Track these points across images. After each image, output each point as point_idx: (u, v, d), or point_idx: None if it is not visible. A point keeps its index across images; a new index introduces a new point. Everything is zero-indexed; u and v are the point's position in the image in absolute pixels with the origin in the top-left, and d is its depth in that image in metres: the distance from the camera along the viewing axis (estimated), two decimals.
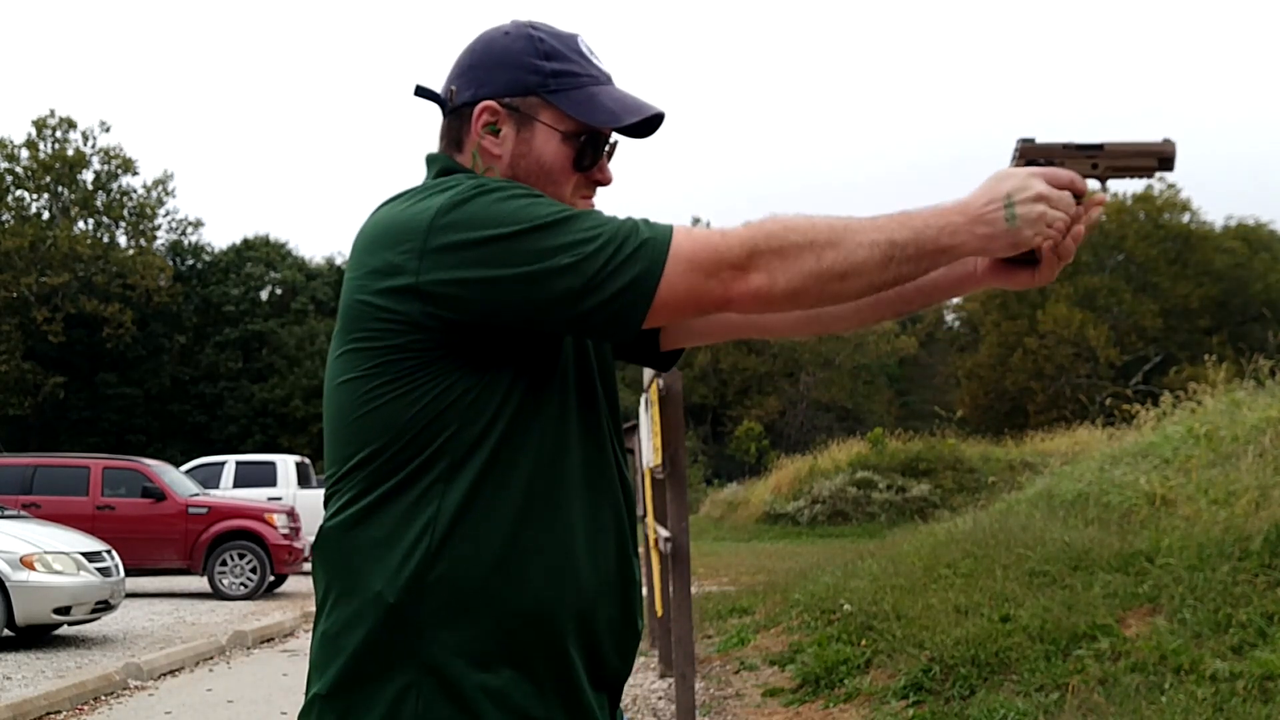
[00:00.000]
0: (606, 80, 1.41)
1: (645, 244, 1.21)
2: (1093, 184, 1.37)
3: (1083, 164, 1.35)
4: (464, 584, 1.25)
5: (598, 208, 1.43)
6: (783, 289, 1.22)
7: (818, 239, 1.22)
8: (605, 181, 1.43)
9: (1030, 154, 1.33)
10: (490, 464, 1.26)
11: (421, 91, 1.43)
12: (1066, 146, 1.33)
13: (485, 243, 1.21)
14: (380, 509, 1.27)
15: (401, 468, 1.26)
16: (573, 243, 1.21)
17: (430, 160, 1.43)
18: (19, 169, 39.57)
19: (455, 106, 1.40)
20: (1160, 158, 1.38)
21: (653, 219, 1.26)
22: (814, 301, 1.25)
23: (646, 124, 1.40)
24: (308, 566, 14.53)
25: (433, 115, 1.47)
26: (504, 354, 1.28)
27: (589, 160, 1.39)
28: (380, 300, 1.25)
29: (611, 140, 1.41)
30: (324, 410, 1.36)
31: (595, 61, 1.41)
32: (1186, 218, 45.48)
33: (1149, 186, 45.60)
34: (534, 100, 1.37)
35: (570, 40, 1.40)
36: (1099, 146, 1.35)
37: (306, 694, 1.34)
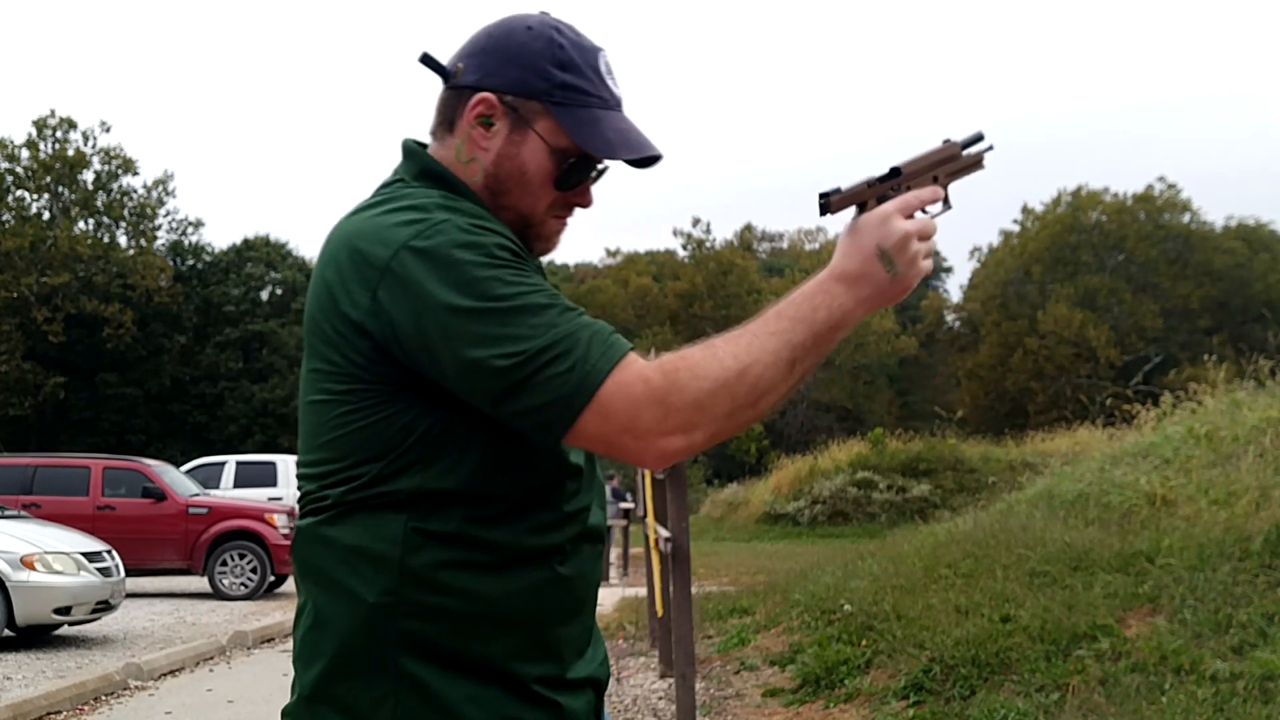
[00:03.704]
0: (615, 105, 1.35)
1: (576, 368, 1.15)
2: None
3: (925, 180, 1.32)
4: (442, 589, 1.24)
5: (569, 224, 1.41)
6: (700, 442, 1.20)
7: (728, 376, 1.18)
8: (584, 205, 1.39)
9: (838, 205, 1.28)
10: (473, 480, 1.24)
11: (427, 60, 1.38)
12: (870, 185, 1.29)
13: (434, 308, 1.17)
14: (355, 514, 1.25)
15: (378, 487, 1.24)
16: (512, 337, 1.16)
17: (408, 153, 1.39)
18: (19, 169, 39.61)
19: (458, 85, 1.35)
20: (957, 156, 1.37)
21: (615, 335, 1.19)
22: (729, 437, 1.24)
23: (642, 161, 1.36)
24: None
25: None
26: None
27: (572, 182, 1.35)
28: (340, 326, 1.23)
29: (601, 166, 1.36)
30: (300, 413, 1.33)
31: (610, 83, 1.35)
32: (1187, 218, 45.54)
33: (1149, 187, 45.64)
34: (536, 106, 1.32)
35: (591, 54, 1.34)
36: (897, 171, 1.30)
37: (291, 695, 1.34)
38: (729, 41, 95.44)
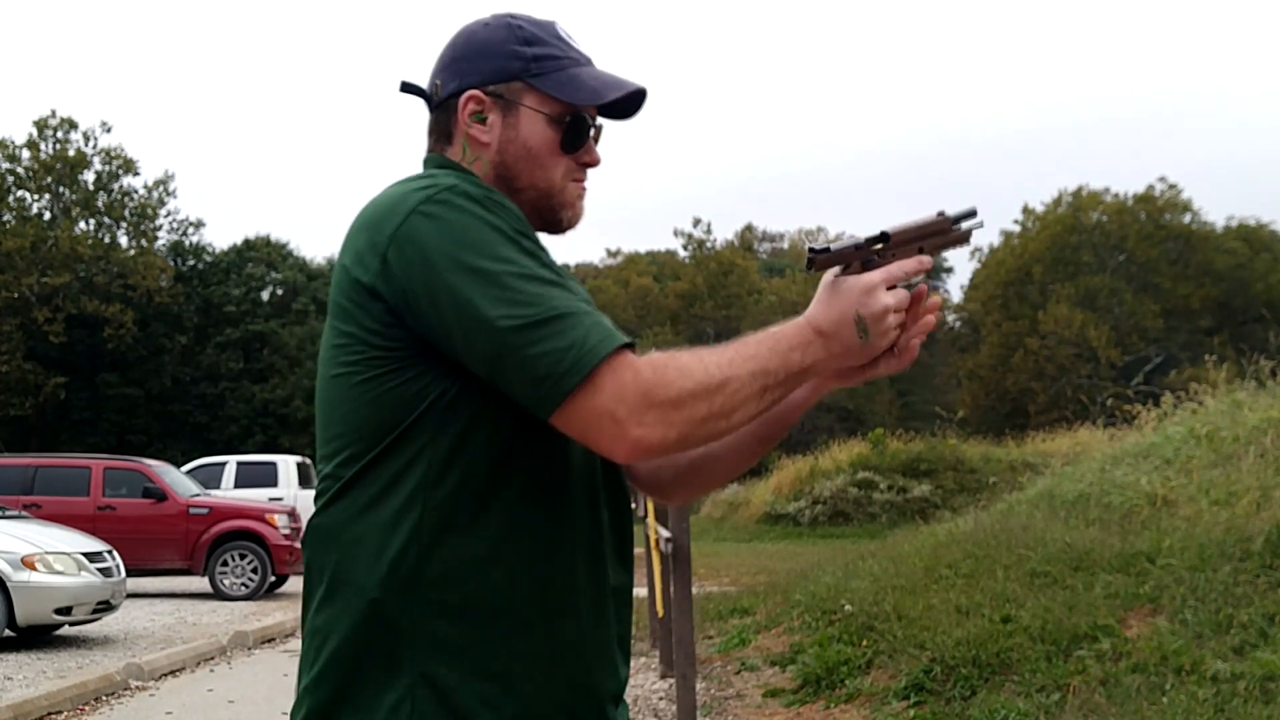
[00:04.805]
0: (586, 62, 1.42)
1: (574, 348, 1.17)
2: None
3: (911, 250, 1.33)
4: (457, 587, 1.23)
5: (587, 187, 1.44)
6: (673, 442, 1.20)
7: (710, 383, 1.20)
8: (594, 163, 1.43)
9: (822, 265, 1.30)
10: (482, 461, 1.24)
11: (407, 87, 1.44)
12: (859, 248, 1.30)
13: (442, 265, 1.20)
14: (370, 506, 1.25)
15: (389, 465, 1.25)
16: (517, 301, 1.18)
17: (426, 162, 1.44)
18: (20, 169, 39.60)
19: (441, 100, 1.41)
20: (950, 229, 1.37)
21: (615, 329, 1.21)
22: (697, 445, 1.25)
23: (630, 103, 1.41)
24: None
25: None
26: None
27: (577, 142, 1.40)
28: (354, 294, 1.26)
29: (597, 124, 1.42)
30: (316, 398, 1.35)
31: (574, 45, 1.42)
32: (1188, 218, 45.45)
33: (1149, 187, 45.62)
34: (518, 85, 1.38)
35: (549, 26, 1.42)
36: (886, 237, 1.31)
37: (298, 687, 1.31)
38: (730, 41, 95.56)
